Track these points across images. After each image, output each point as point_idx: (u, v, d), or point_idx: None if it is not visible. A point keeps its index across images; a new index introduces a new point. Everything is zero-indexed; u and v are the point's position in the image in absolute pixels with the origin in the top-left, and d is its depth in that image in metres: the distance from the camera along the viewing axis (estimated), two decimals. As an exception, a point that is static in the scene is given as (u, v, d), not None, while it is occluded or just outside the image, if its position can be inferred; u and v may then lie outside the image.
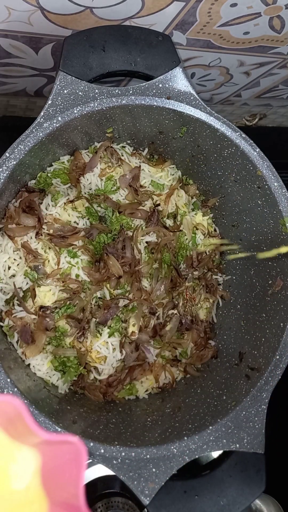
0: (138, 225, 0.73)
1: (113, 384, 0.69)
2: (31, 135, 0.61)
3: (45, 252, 0.69)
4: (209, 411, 0.64)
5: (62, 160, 0.73)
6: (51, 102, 0.62)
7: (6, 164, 0.59)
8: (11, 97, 0.94)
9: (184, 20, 0.70)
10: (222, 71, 0.89)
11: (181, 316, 0.74)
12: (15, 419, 0.37)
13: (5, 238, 0.68)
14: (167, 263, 0.74)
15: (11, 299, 0.67)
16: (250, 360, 0.67)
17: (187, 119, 0.67)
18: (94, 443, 0.55)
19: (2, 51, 0.75)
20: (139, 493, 0.55)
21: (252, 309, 0.73)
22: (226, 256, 0.81)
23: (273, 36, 0.77)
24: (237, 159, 0.69)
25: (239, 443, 0.59)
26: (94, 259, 0.70)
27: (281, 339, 0.63)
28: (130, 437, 0.60)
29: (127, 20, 0.70)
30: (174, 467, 0.56)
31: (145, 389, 0.73)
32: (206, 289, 0.77)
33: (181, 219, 0.77)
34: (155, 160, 0.78)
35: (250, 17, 0.71)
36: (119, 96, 0.64)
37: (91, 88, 0.64)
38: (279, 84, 0.98)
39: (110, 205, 0.72)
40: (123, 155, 0.75)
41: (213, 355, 0.75)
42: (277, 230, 0.68)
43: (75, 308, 0.68)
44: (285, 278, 0.67)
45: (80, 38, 0.64)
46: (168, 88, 0.66)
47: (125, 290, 0.71)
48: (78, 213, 0.71)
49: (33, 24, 0.68)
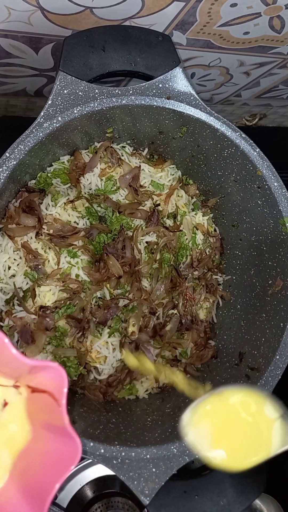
0: (138, 225, 0.73)
1: (113, 384, 0.69)
2: (31, 135, 0.61)
3: (45, 252, 0.69)
4: (209, 411, 0.64)
5: (62, 160, 0.73)
6: (51, 102, 0.62)
7: (6, 164, 0.59)
8: (11, 97, 0.94)
9: (184, 20, 0.70)
10: (222, 71, 0.89)
11: (181, 316, 0.74)
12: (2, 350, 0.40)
13: (5, 238, 0.68)
14: (167, 263, 0.74)
15: (11, 299, 0.67)
16: (250, 360, 0.67)
17: (187, 119, 0.67)
18: (94, 443, 0.55)
19: (2, 51, 0.75)
20: (139, 493, 0.55)
21: (252, 309, 0.73)
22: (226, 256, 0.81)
23: (273, 36, 0.77)
24: (237, 159, 0.69)
25: (239, 443, 0.59)
26: (94, 259, 0.70)
27: (281, 339, 0.63)
28: (130, 437, 0.60)
29: (127, 20, 0.70)
30: (174, 467, 0.56)
31: (145, 389, 0.73)
32: (206, 289, 0.77)
33: (181, 219, 0.77)
34: (155, 160, 0.78)
35: (250, 17, 0.71)
36: (119, 96, 0.64)
37: (91, 88, 0.64)
38: (279, 84, 0.98)
39: (110, 205, 0.72)
40: (123, 155, 0.75)
41: (213, 355, 0.75)
42: (277, 230, 0.68)
43: (75, 308, 0.68)
44: (285, 278, 0.67)
45: (80, 38, 0.64)
46: (168, 88, 0.66)
47: (125, 290, 0.71)
48: (78, 213, 0.71)
49: (33, 24, 0.68)
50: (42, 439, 0.47)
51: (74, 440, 0.43)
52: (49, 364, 0.43)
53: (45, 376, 0.44)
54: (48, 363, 0.43)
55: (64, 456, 0.44)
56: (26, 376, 0.46)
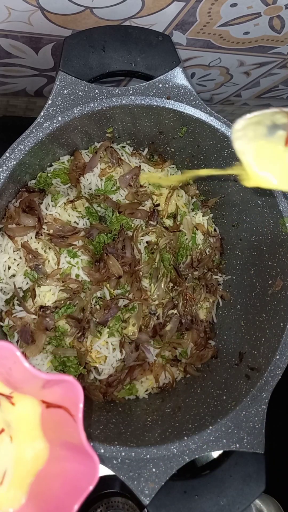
0: (138, 225, 0.73)
1: (113, 384, 0.69)
2: (31, 135, 0.61)
3: (45, 252, 0.69)
4: (209, 411, 0.64)
5: (62, 160, 0.73)
6: (51, 102, 0.62)
7: (6, 164, 0.59)
8: (11, 97, 0.94)
9: (184, 20, 0.70)
10: (222, 71, 0.89)
11: (181, 316, 0.74)
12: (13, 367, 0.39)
13: (5, 238, 0.68)
14: (167, 263, 0.74)
15: (11, 299, 0.67)
16: (250, 360, 0.68)
17: (187, 119, 0.67)
18: (94, 443, 0.55)
19: (2, 51, 0.75)
20: (139, 493, 0.55)
21: (252, 309, 0.73)
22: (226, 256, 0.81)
23: (273, 36, 0.77)
24: (237, 159, 0.69)
25: (239, 443, 0.60)
26: (94, 259, 0.70)
27: (281, 339, 0.63)
28: (130, 437, 0.60)
29: (127, 20, 0.70)
30: (174, 467, 0.57)
31: (145, 389, 0.73)
32: (206, 289, 0.77)
33: (181, 219, 0.77)
34: (155, 160, 0.78)
35: (250, 17, 0.71)
36: (119, 96, 0.64)
37: (91, 88, 0.64)
38: (279, 84, 0.98)
39: (110, 205, 0.72)
40: (123, 155, 0.75)
41: (213, 355, 0.75)
42: (277, 230, 0.68)
43: (75, 308, 0.68)
44: (285, 278, 0.67)
45: (80, 38, 0.64)
46: (168, 88, 0.66)
47: (125, 290, 0.71)
48: (78, 213, 0.71)
49: (33, 24, 0.68)
50: (58, 458, 0.45)
51: (92, 458, 0.41)
52: (64, 378, 0.41)
53: (60, 390, 0.42)
54: (63, 377, 0.41)
55: (81, 476, 0.42)
56: (40, 391, 0.45)
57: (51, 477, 0.44)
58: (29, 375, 0.40)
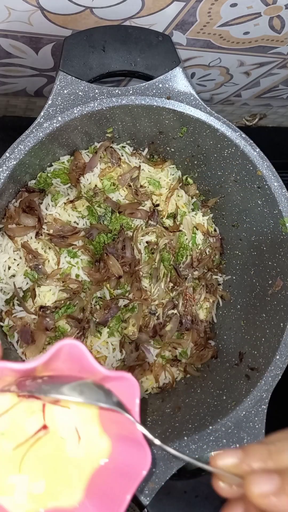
0: (138, 225, 0.73)
1: (113, 384, 0.69)
2: (31, 135, 0.61)
3: (45, 252, 0.69)
4: (209, 411, 0.64)
5: (62, 160, 0.73)
6: (51, 102, 0.62)
7: (6, 164, 0.59)
8: (11, 97, 0.94)
9: (184, 20, 0.70)
10: (222, 71, 0.89)
11: (181, 316, 0.74)
12: (80, 358, 0.39)
13: (5, 238, 0.68)
14: (167, 263, 0.74)
15: (11, 299, 0.67)
16: (250, 360, 0.68)
17: (187, 119, 0.67)
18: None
19: (2, 51, 0.75)
20: (139, 493, 0.55)
21: (252, 309, 0.73)
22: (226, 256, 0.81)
23: (273, 36, 0.77)
24: (237, 159, 0.69)
25: (239, 443, 0.60)
26: (94, 259, 0.70)
27: (281, 339, 0.63)
28: (130, 437, 0.60)
29: (127, 20, 0.70)
30: (174, 467, 0.56)
31: (145, 389, 0.73)
32: (206, 289, 0.77)
33: (181, 219, 0.77)
34: (155, 160, 0.78)
35: (250, 17, 0.71)
36: (119, 96, 0.64)
37: (91, 88, 0.64)
38: (279, 84, 0.98)
39: (110, 205, 0.72)
40: (123, 155, 0.75)
41: (213, 355, 0.75)
42: (277, 230, 0.68)
43: (75, 308, 0.68)
44: (285, 278, 0.67)
45: (80, 38, 0.64)
46: (168, 88, 0.66)
47: (125, 290, 0.71)
48: (78, 213, 0.71)
49: (33, 24, 0.68)
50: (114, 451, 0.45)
51: (144, 448, 0.41)
52: (124, 375, 0.41)
53: (116, 386, 0.42)
54: (123, 374, 0.41)
55: (132, 466, 0.42)
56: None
57: (106, 469, 0.44)
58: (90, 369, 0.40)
